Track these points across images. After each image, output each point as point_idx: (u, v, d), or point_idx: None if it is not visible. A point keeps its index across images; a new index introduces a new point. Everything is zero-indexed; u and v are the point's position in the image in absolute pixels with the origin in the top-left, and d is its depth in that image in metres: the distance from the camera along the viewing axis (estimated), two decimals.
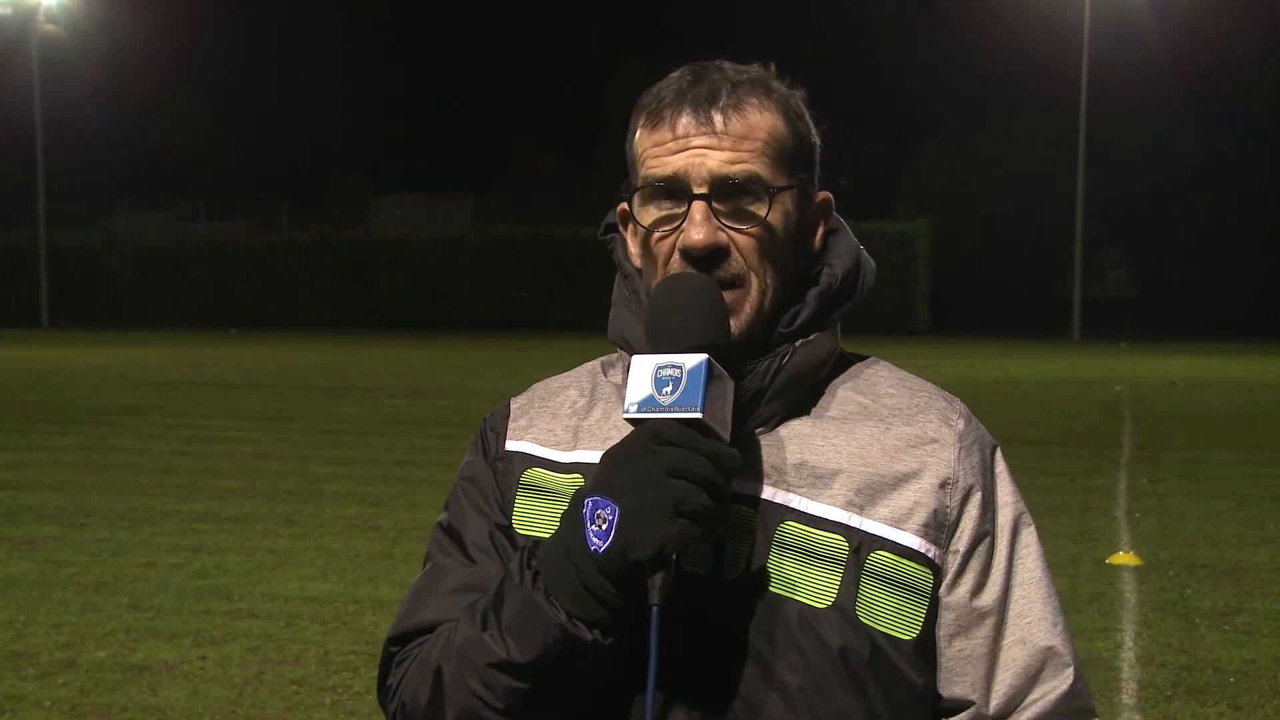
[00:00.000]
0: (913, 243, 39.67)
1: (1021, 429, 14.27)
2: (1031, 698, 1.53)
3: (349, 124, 67.58)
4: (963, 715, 1.54)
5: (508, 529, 1.56)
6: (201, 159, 59.84)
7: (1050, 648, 1.54)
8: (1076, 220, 38.68)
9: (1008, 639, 1.53)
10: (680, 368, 1.39)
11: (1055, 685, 1.53)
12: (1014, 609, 1.54)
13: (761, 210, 1.49)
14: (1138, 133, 40.38)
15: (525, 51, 69.62)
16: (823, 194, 1.59)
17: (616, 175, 1.58)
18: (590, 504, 1.38)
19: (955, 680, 1.53)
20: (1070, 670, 1.54)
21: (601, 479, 1.40)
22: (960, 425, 1.56)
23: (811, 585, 1.47)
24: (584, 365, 1.68)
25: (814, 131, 1.58)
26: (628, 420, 1.41)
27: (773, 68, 1.57)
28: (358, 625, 6.73)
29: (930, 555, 1.50)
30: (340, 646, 6.36)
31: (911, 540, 1.49)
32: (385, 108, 68.98)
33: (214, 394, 19.25)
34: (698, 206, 1.48)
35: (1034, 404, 17.82)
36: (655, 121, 1.51)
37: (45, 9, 45.13)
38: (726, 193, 1.48)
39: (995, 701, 1.53)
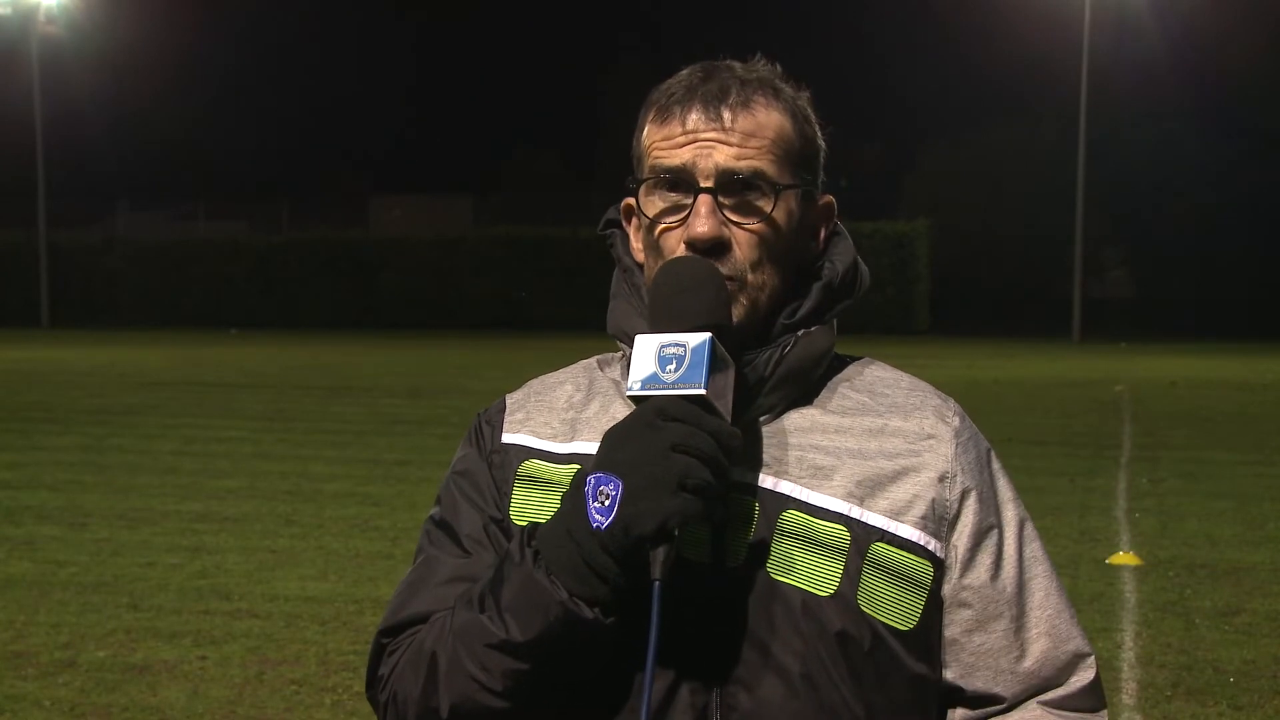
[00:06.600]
0: (913, 243, 39.67)
1: (1021, 429, 14.26)
2: (1059, 693, 1.57)
3: (349, 124, 67.55)
4: (988, 709, 1.57)
5: (502, 522, 1.56)
6: (201, 159, 59.71)
7: (1075, 642, 1.58)
8: (1076, 220, 38.64)
9: (1031, 631, 1.56)
10: (684, 346, 1.40)
11: (1082, 676, 1.58)
12: (1033, 600, 1.57)
13: (766, 206, 1.50)
14: (1138, 133, 40.38)
15: (525, 52, 69.64)
16: (826, 197, 1.61)
17: (616, 176, 1.59)
18: (592, 481, 1.38)
19: (976, 673, 1.55)
20: (1093, 662, 1.59)
21: (604, 456, 1.40)
22: (956, 422, 1.59)
23: (814, 573, 1.48)
24: (579, 363, 1.69)
25: (819, 135, 1.60)
26: (630, 398, 1.42)
27: (778, 68, 1.59)
28: (358, 625, 6.73)
29: (930, 548, 1.52)
30: (340, 646, 6.37)
31: (911, 533, 1.51)
32: (385, 108, 68.99)
33: (214, 394, 19.24)
34: (703, 199, 1.49)
35: (1034, 404, 17.81)
36: (665, 116, 1.53)
37: (45, 9, 45.07)
38: (732, 188, 1.50)
39: (1023, 689, 1.56)
